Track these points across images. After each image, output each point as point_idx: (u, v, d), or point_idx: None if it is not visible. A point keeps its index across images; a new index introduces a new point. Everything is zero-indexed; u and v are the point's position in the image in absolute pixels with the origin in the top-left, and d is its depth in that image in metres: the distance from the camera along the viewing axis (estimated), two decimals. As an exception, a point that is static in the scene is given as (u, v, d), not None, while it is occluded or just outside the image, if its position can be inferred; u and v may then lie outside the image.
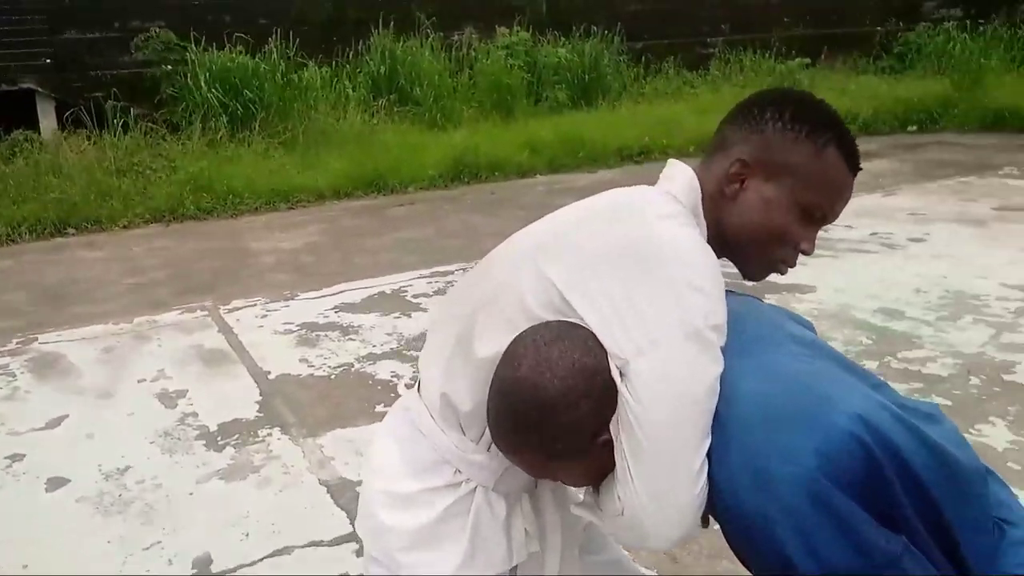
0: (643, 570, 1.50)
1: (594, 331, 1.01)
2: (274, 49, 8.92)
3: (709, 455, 0.98)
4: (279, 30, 9.08)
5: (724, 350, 1.02)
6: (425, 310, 4.42)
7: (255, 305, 4.58)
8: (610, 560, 1.42)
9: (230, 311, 4.50)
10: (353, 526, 2.51)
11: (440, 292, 4.70)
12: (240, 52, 8.75)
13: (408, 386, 3.49)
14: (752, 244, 1.14)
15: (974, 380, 3.20)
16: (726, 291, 1.07)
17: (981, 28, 11.87)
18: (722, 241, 1.14)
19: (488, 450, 1.16)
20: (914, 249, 4.98)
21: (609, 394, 0.99)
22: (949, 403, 2.97)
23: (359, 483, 2.70)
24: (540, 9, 11.13)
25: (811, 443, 0.92)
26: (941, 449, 1.00)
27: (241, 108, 8.36)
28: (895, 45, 12.90)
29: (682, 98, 10.73)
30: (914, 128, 9.59)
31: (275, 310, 4.50)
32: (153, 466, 2.88)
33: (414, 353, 3.83)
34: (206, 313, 4.48)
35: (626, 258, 1.03)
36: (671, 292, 1.00)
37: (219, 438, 3.08)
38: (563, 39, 10.76)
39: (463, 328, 1.16)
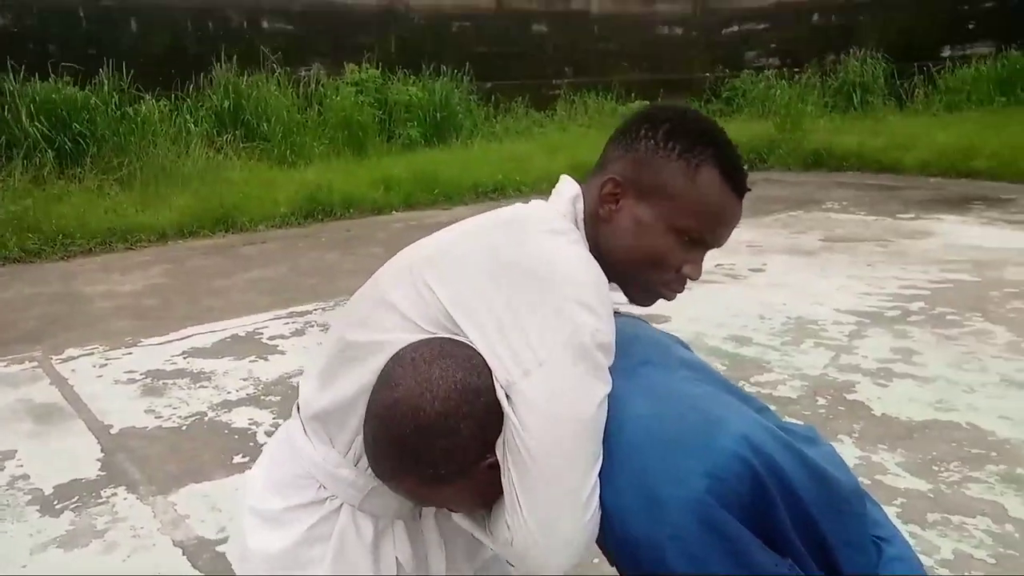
0: None
1: (480, 350, 0.97)
2: (105, 80, 8.42)
3: (599, 478, 0.96)
4: (111, 61, 8.59)
5: (612, 371, 1.00)
6: (283, 352, 4.23)
7: (92, 354, 4.23)
8: None
9: (64, 361, 4.13)
10: (215, 588, 2.33)
11: (298, 333, 4.52)
12: (67, 83, 8.19)
13: (268, 433, 3.31)
14: (628, 267, 1.10)
15: (820, 400, 3.41)
16: (614, 313, 1.05)
17: (796, 76, 12.99)
18: (602, 263, 1.08)
19: (356, 465, 1.09)
20: (755, 279, 5.29)
21: (494, 415, 0.94)
22: (800, 423, 3.14)
23: (218, 542, 2.54)
24: (389, 47, 11.15)
25: (700, 466, 0.92)
26: (822, 470, 1.03)
27: (70, 142, 7.80)
28: (723, 90, 13.86)
29: (532, 137, 11.02)
30: (745, 167, 10.27)
31: (115, 358, 4.17)
32: (-23, 538, 2.56)
33: (272, 398, 3.65)
34: (35, 364, 4.08)
35: (510, 274, 0.99)
36: (557, 310, 0.96)
37: (55, 502, 2.78)
38: (413, 77, 10.81)
39: (340, 337, 1.10)
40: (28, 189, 7.09)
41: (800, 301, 4.77)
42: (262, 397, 3.67)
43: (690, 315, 4.46)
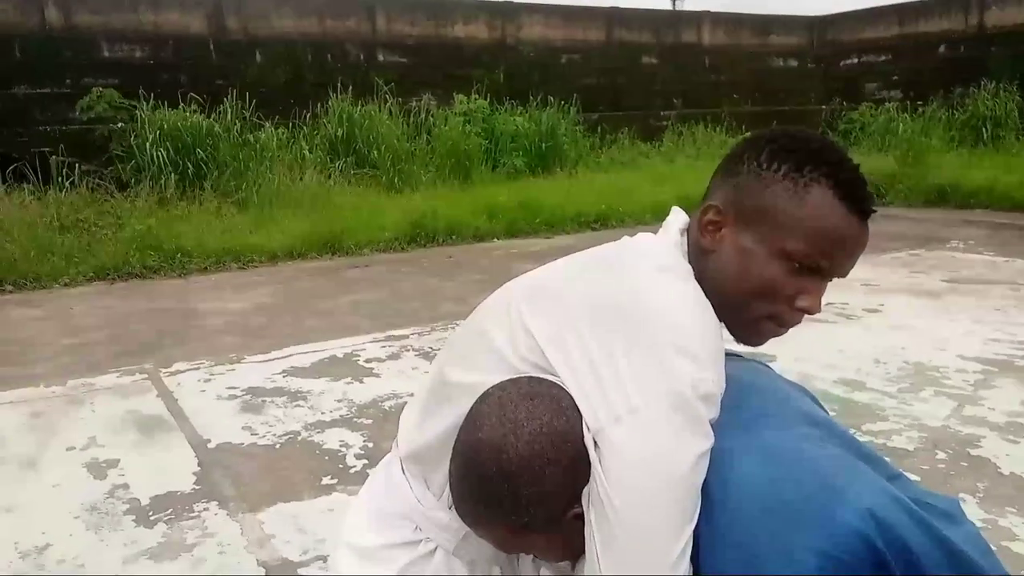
0: None
1: (571, 391, 0.90)
2: (229, 109, 8.86)
3: (697, 542, 0.86)
4: (235, 91, 9.03)
5: (722, 424, 0.91)
6: (378, 375, 4.25)
7: (199, 368, 4.37)
8: None
9: (171, 374, 4.28)
10: (294, 612, 2.31)
11: (394, 356, 4.55)
12: (194, 112, 8.66)
13: (357, 456, 3.31)
14: (735, 300, 1.00)
15: (940, 455, 3.14)
16: (732, 355, 0.96)
17: (920, 109, 12.38)
18: (710, 299, 0.98)
19: (450, 508, 1.05)
20: (870, 320, 4.99)
21: (581, 463, 0.87)
22: (918, 478, 2.90)
23: (301, 564, 2.53)
24: (497, 79, 11.30)
25: (815, 542, 0.82)
26: (959, 553, 0.89)
27: (192, 167, 8.22)
28: (840, 123, 13.37)
29: (637, 168, 10.90)
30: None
31: (220, 374, 4.29)
32: (76, 544, 2.64)
33: (364, 421, 3.66)
34: (145, 376, 4.25)
35: (610, 315, 0.92)
36: (655, 355, 0.88)
37: (151, 513, 2.85)
38: (520, 108, 10.91)
39: (438, 372, 1.08)
40: (152, 210, 7.49)
41: (920, 345, 4.45)
42: (354, 419, 3.69)
43: (797, 354, 4.23)
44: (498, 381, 0.96)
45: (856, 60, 14.06)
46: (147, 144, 8.16)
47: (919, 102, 12.62)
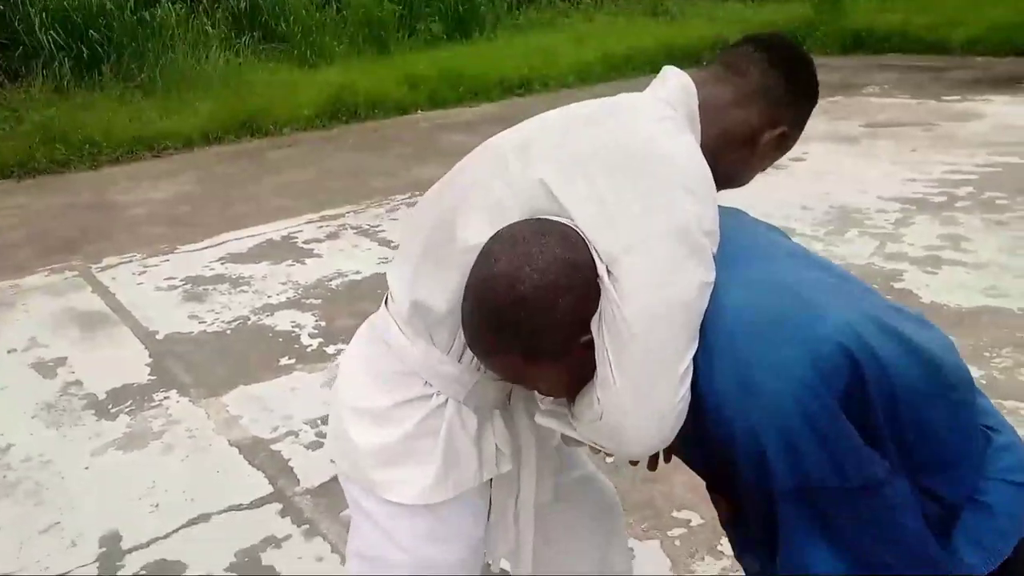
0: (611, 485, 1.46)
1: (581, 228, 0.95)
2: (120, -15, 8.18)
3: (694, 364, 0.94)
4: (124, -37, 8.31)
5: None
6: (319, 256, 4.22)
7: (131, 262, 4.25)
8: (581, 477, 1.39)
9: (103, 269, 4.15)
10: (272, 485, 2.38)
11: (333, 236, 4.50)
12: (81, -11, 7.97)
13: (311, 335, 3.33)
14: (734, 177, 1.16)
15: (867, 289, 3.35)
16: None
17: (835, -48, 12.26)
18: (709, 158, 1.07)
19: (459, 360, 1.10)
20: (796, 168, 5.13)
21: (592, 291, 0.93)
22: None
23: (273, 440, 2.58)
24: (407, -62, 10.67)
25: (801, 356, 0.89)
26: (930, 355, 0.98)
27: (87, 50, 7.66)
28: (756, -29, 13.19)
29: (557, 28, 10.65)
30: (706, 63, 9.87)
31: (154, 265, 4.19)
32: (39, 442, 2.63)
33: (313, 301, 3.66)
34: (76, 273, 4.11)
35: (617, 159, 0.98)
36: (663, 194, 0.95)
37: (110, 406, 2.84)
38: (433, -31, 10.40)
39: (432, 230, 1.09)
40: (50, 99, 7.01)
41: (843, 189, 4.64)
42: (303, 300, 3.68)
43: (731, 204, 4.35)
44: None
45: (770, -96, 13.73)
46: (35, 28, 7.52)
47: (833, -55, 12.50)
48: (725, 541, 2.07)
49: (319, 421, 2.69)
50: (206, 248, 4.41)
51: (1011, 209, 4.20)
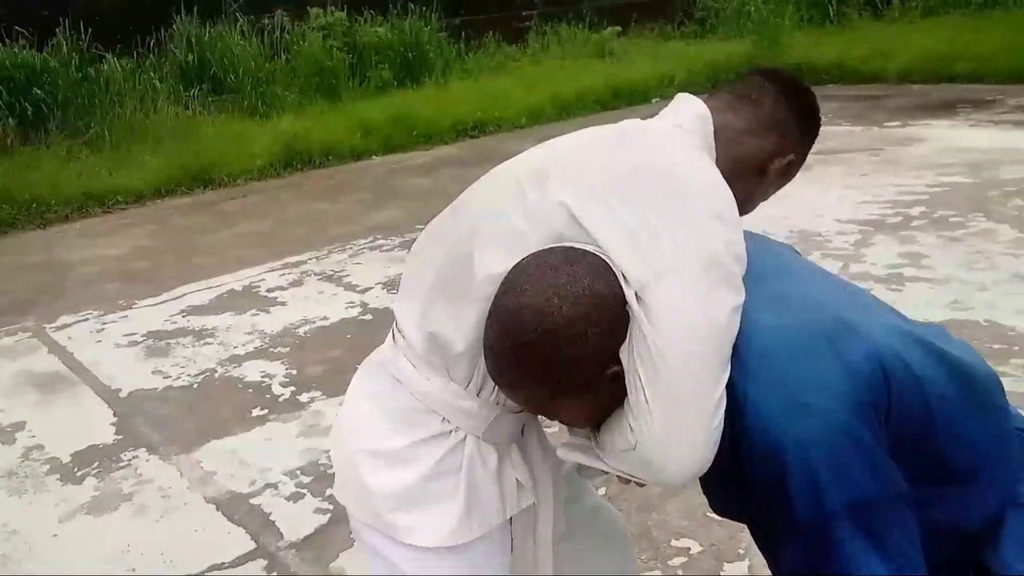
0: (619, 514, 1.43)
1: (609, 255, 0.93)
2: (63, 41, 8.08)
3: (731, 386, 0.92)
4: (67, 21, 8.22)
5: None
6: (284, 303, 4.14)
7: (87, 320, 4.11)
8: (591, 507, 1.35)
9: (58, 329, 4.01)
10: (254, 540, 2.28)
11: (296, 283, 4.43)
12: (23, 47, 7.85)
13: (283, 384, 3.25)
14: (743, 205, 1.15)
15: (837, 309, 3.39)
16: None
17: (771, -9, 12.72)
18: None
19: (478, 395, 1.06)
20: (752, 196, 5.22)
21: (620, 322, 0.91)
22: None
23: (252, 495, 2.49)
24: (354, -13, 10.76)
25: (841, 372, 0.89)
26: (963, 366, 0.98)
27: (31, 107, 7.51)
28: (695, 11, 13.59)
29: (507, 72, 10.77)
30: (714, 91, 10.13)
31: (112, 322, 4.06)
32: (2, 512, 2.49)
33: (281, 350, 3.58)
34: (30, 334, 3.96)
35: (641, 183, 0.97)
36: (690, 219, 0.94)
37: (76, 469, 2.71)
38: (380, 17, 10.49)
39: (445, 263, 1.05)
40: (-6, 159, 6.83)
41: (801, 214, 4.72)
42: (270, 349, 3.59)
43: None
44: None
45: (704, -53, 14.22)
46: (-25, 88, 7.36)
47: (768, -16, 12.96)
48: (728, 566, 2.04)
49: (298, 472, 2.61)
50: (165, 302, 4.29)
51: (963, 226, 4.32)
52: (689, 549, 2.11)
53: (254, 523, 2.36)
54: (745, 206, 1.16)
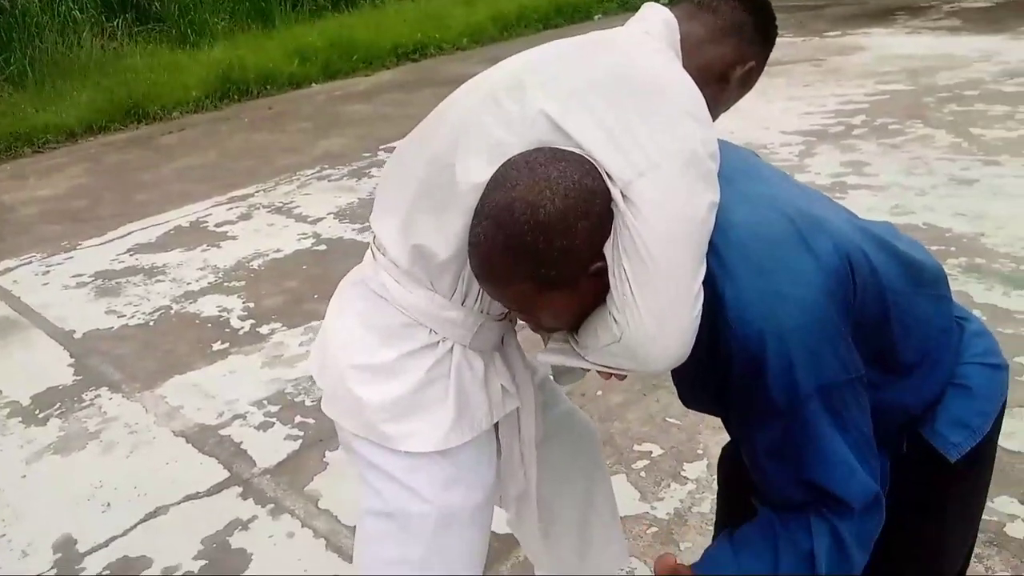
0: (589, 418, 1.49)
1: (593, 156, 0.95)
2: (-28, -29, 7.59)
3: (711, 278, 0.96)
4: (-27, -53, 7.70)
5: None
6: (234, 237, 4.08)
7: (30, 263, 4.00)
8: (564, 412, 1.41)
9: (1, 274, 3.90)
10: (228, 469, 2.32)
11: (245, 216, 4.35)
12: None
13: (241, 317, 3.23)
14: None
15: (784, 218, 3.48)
16: None
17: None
18: None
19: (462, 304, 1.09)
20: (698, 111, 5.26)
21: (606, 217, 0.94)
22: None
23: (221, 426, 2.51)
24: (278, -96, 10.25)
25: (813, 263, 0.94)
26: (911, 259, 1.05)
27: (-55, 44, 7.10)
28: (634, -77, 13.32)
29: (444, -10, 10.48)
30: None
31: (57, 264, 3.96)
32: (-36, 457, 2.47)
33: (236, 284, 3.55)
34: (-29, 280, 3.85)
35: (618, 87, 0.99)
36: (668, 119, 0.97)
37: (37, 411, 2.69)
38: (311, -64, 10.05)
39: (426, 175, 1.06)
40: (-90, 100, 6.48)
41: (747, 127, 4.78)
42: (225, 284, 3.56)
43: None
44: None
45: None
46: None
47: None
48: (688, 466, 2.15)
49: (265, 402, 2.63)
50: (111, 241, 4.20)
51: (902, 133, 4.44)
52: (651, 452, 2.21)
53: (225, 453, 2.39)
54: (710, 113, 1.19)
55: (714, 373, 0.98)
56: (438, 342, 1.11)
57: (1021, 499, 1.89)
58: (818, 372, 0.93)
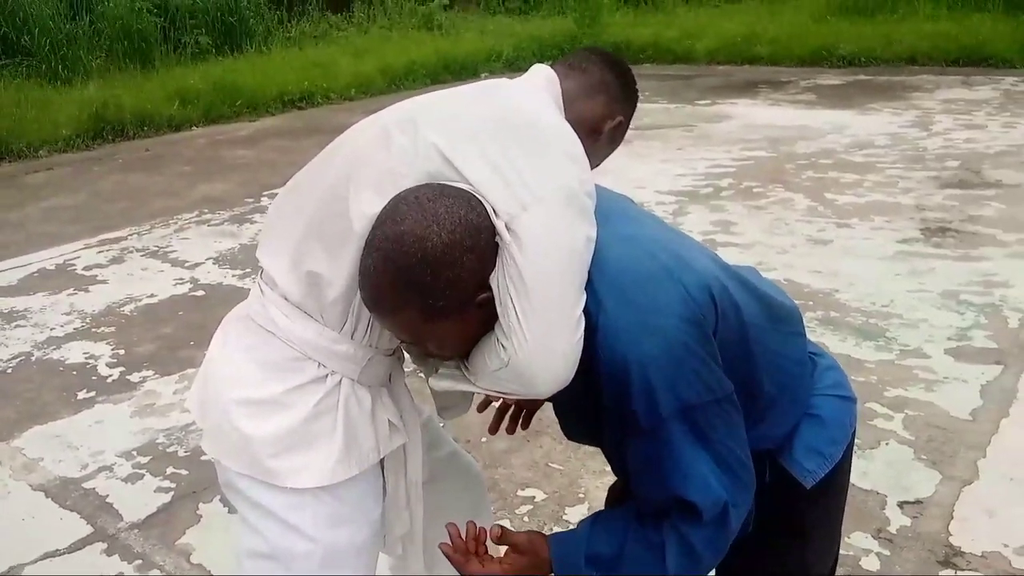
0: (474, 460, 1.52)
1: (479, 189, 1.01)
2: None
3: (586, 310, 1.03)
4: None
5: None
6: (104, 281, 3.91)
7: None
8: (449, 453, 1.43)
9: None
10: (91, 524, 2.19)
11: (117, 260, 4.18)
12: None
13: (110, 365, 3.09)
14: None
15: (659, 272, 3.66)
16: None
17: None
18: None
19: (352, 338, 1.11)
20: (579, 169, 5.47)
21: (490, 251, 1.00)
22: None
23: (85, 479, 2.38)
24: (163, -54, 10.08)
25: (679, 297, 1.02)
26: (770, 299, 1.16)
27: None
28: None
29: (332, 41, 10.55)
30: (550, 63, 10.43)
31: (-98, 307, 3.67)
32: None
33: (105, 329, 3.39)
34: None
35: (505, 128, 1.06)
36: (549, 159, 1.05)
37: None
38: (194, -20, 9.90)
39: (319, 207, 1.09)
40: None
41: (624, 186, 4.84)
42: (92, 329, 3.40)
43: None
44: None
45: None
46: None
47: (587, -35, 13.40)
48: (570, 511, 2.20)
49: (135, 452, 2.52)
50: (-35, 283, 3.93)
51: (765, 196, 4.76)
52: (534, 497, 2.25)
53: (89, 507, 2.26)
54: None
55: (589, 400, 1.05)
56: (326, 376, 1.12)
57: (874, 534, 2.04)
58: (678, 395, 1.01)
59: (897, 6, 9.91)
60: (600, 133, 1.27)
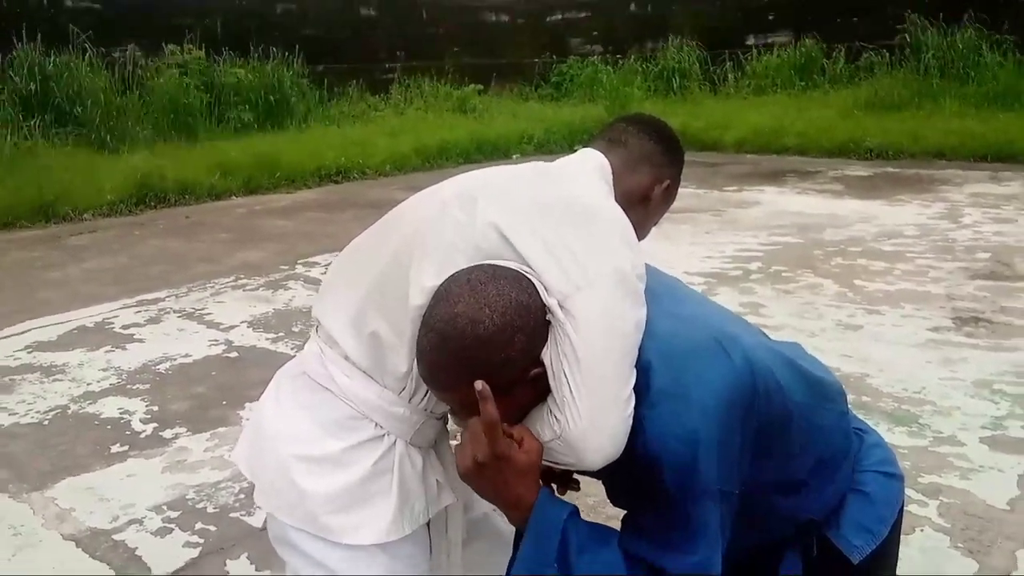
0: (506, 524, 1.53)
1: (534, 269, 1.06)
2: None
3: (636, 384, 1.06)
4: None
5: None
6: (141, 340, 3.99)
7: (-85, 355, 3.79)
8: (482, 514, 1.44)
9: None
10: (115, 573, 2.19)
11: (154, 320, 4.27)
12: None
13: (144, 420, 3.13)
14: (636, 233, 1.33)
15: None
16: None
17: (620, 62, 13.62)
18: None
19: (409, 402, 1.15)
20: (609, 248, 5.54)
21: (540, 329, 1.04)
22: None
23: (115, 531, 2.40)
24: (213, 28, 10.59)
25: (723, 376, 1.05)
26: (815, 378, 1.19)
27: None
28: (552, 75, 14.29)
29: (369, 120, 10.89)
30: (579, 147, 10.69)
31: (-55, 358, 3.76)
32: None
33: (140, 386, 3.45)
34: None
35: (560, 211, 1.11)
36: (603, 242, 1.10)
37: (-91, 510, 2.50)
38: (240, 60, 10.36)
39: (384, 268, 1.14)
40: None
41: (656, 266, 5.05)
42: (128, 386, 3.45)
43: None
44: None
45: (560, 16, 15.05)
46: None
47: (618, 56, 13.86)
48: None
49: (165, 507, 2.53)
50: (7, 337, 4.03)
51: (794, 280, 4.79)
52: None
53: (118, 559, 2.27)
54: (639, 232, 1.32)
55: (626, 468, 1.07)
56: (383, 436, 1.15)
57: (908, 621, 1.99)
58: (717, 471, 1.02)
59: (923, 103, 10.10)
60: (650, 199, 1.33)
